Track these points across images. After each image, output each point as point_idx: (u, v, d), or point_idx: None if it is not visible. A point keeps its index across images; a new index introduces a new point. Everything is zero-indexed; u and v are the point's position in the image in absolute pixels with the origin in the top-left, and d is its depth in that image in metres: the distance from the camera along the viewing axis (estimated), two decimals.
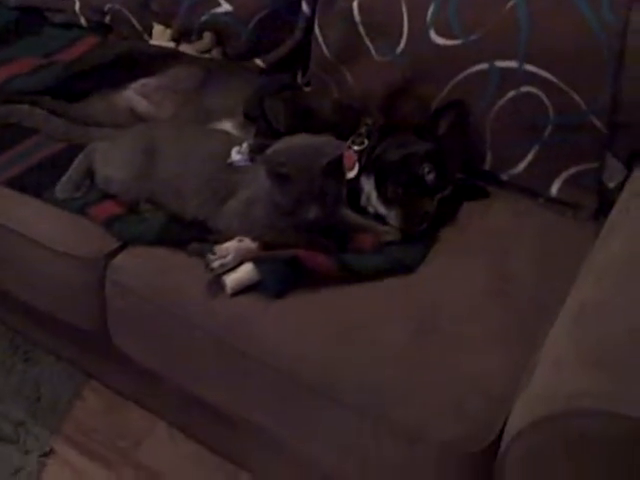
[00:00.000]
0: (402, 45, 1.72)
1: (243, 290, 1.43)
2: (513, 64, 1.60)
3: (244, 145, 1.54)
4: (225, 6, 1.98)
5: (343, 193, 1.49)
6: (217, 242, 1.46)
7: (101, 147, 1.68)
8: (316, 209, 1.41)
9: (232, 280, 1.42)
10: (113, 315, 1.58)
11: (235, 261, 1.43)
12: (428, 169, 1.56)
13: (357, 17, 1.77)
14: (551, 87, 1.57)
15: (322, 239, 1.46)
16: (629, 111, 1.55)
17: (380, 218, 1.57)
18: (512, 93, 1.62)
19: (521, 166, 1.67)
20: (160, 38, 2.08)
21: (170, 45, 2.04)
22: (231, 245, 1.45)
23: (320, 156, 1.41)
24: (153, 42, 2.07)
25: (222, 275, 1.43)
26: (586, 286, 1.28)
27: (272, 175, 1.42)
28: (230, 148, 1.55)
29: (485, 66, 1.63)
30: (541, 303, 1.39)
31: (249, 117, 1.75)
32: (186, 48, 2.02)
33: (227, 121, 1.78)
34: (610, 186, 1.62)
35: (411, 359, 1.31)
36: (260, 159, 1.45)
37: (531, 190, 1.68)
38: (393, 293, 1.44)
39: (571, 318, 1.23)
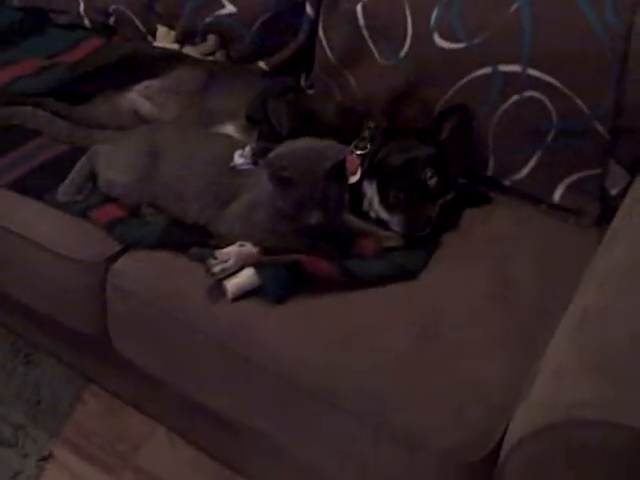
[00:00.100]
0: (406, 48, 1.72)
1: (244, 295, 1.42)
2: (516, 68, 1.59)
3: (247, 148, 1.54)
4: (229, 8, 1.98)
5: (345, 198, 1.48)
6: (218, 246, 1.45)
7: (104, 150, 1.68)
8: (318, 214, 1.40)
9: (233, 285, 1.42)
10: (114, 319, 1.58)
11: (236, 266, 1.43)
12: (430, 174, 1.55)
13: (361, 20, 1.76)
14: (554, 92, 1.57)
15: (324, 244, 1.46)
16: (632, 116, 1.55)
17: (382, 223, 1.57)
18: (515, 97, 1.61)
19: (524, 172, 1.66)
20: (164, 40, 2.08)
21: (174, 47, 2.04)
22: (232, 250, 1.44)
23: (323, 160, 1.40)
24: (157, 44, 2.07)
25: (223, 280, 1.42)
26: (588, 292, 1.28)
27: (274, 179, 1.41)
28: (232, 151, 1.55)
29: (488, 70, 1.62)
30: (543, 310, 1.39)
31: (252, 120, 1.75)
32: (190, 50, 2.02)
33: (230, 124, 1.78)
34: (613, 192, 1.61)
35: (412, 366, 1.31)
36: (262, 163, 1.45)
37: (534, 196, 1.67)
38: (395, 299, 1.43)
39: (573, 324, 1.22)
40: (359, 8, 1.76)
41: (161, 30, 2.09)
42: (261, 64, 2.00)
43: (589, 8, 1.52)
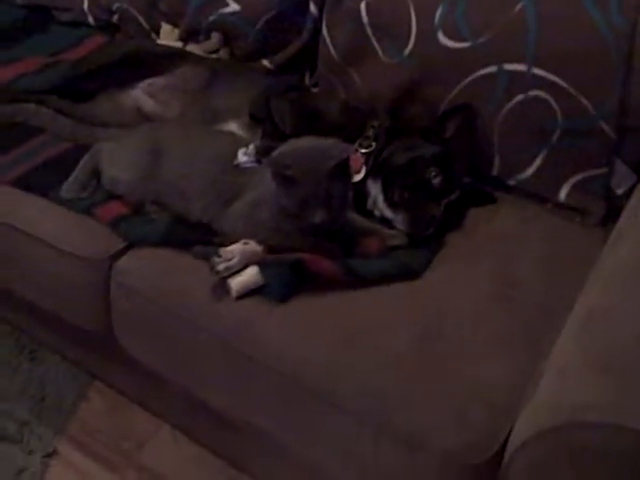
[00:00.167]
0: (410, 47, 1.71)
1: (248, 293, 1.42)
2: (521, 67, 1.58)
3: (250, 147, 1.54)
4: (233, 6, 1.97)
5: (349, 196, 1.48)
6: (222, 245, 1.45)
7: (107, 147, 1.68)
8: (322, 212, 1.40)
9: (237, 283, 1.41)
10: (118, 316, 1.58)
11: (240, 264, 1.42)
12: (435, 173, 1.55)
13: (365, 18, 1.76)
14: (559, 91, 1.56)
15: (327, 243, 1.45)
16: (638, 115, 1.54)
17: (386, 222, 1.56)
18: (520, 97, 1.61)
19: (529, 171, 1.65)
20: (168, 38, 2.08)
21: (178, 45, 2.03)
22: (236, 248, 1.44)
23: (326, 159, 1.40)
24: (161, 42, 2.07)
25: (227, 278, 1.42)
26: (594, 292, 1.27)
27: (278, 177, 1.41)
28: (236, 149, 1.54)
29: (493, 69, 1.61)
30: (548, 310, 1.38)
31: (255, 118, 1.75)
32: (193, 48, 2.01)
33: (233, 122, 1.78)
34: (619, 192, 1.61)
35: (415, 366, 1.30)
36: (266, 161, 1.45)
37: (539, 195, 1.67)
38: (398, 298, 1.43)
39: (579, 324, 1.22)
40: (363, 6, 1.75)
41: (165, 28, 2.09)
42: (265, 62, 1.99)
43: (594, 7, 1.52)
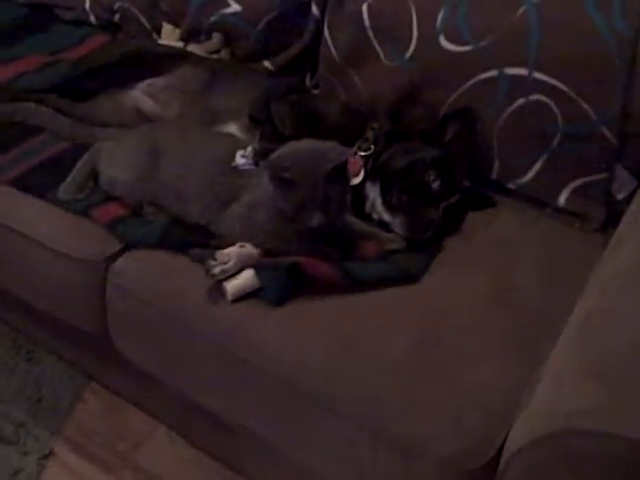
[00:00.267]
0: (411, 50, 1.71)
1: (243, 296, 1.41)
2: (523, 71, 1.58)
3: (248, 149, 1.53)
4: (234, 7, 1.97)
5: (347, 200, 1.47)
6: (219, 247, 1.44)
7: (106, 148, 1.67)
8: (319, 215, 1.39)
9: (233, 286, 1.41)
10: (114, 318, 1.57)
11: (236, 267, 1.42)
12: (434, 176, 1.54)
13: (366, 21, 1.75)
14: (561, 96, 1.55)
15: (325, 247, 1.44)
16: None
17: (384, 225, 1.56)
18: (521, 101, 1.60)
19: (529, 175, 1.65)
20: (169, 38, 2.07)
21: (179, 45, 2.03)
22: (232, 251, 1.43)
23: (325, 162, 1.39)
24: (162, 41, 2.07)
25: (223, 281, 1.41)
26: (592, 298, 1.26)
27: (275, 180, 1.40)
28: (234, 151, 1.53)
29: (494, 73, 1.61)
30: (546, 315, 1.37)
31: (255, 120, 1.74)
32: (195, 48, 2.01)
33: (233, 123, 1.78)
34: (619, 197, 1.60)
35: (412, 371, 1.29)
36: (264, 163, 1.44)
37: (538, 200, 1.66)
38: (396, 302, 1.42)
39: (575, 330, 1.21)
40: (364, 8, 1.75)
41: (166, 28, 2.08)
42: (266, 63, 1.99)
43: (597, 12, 1.51)
